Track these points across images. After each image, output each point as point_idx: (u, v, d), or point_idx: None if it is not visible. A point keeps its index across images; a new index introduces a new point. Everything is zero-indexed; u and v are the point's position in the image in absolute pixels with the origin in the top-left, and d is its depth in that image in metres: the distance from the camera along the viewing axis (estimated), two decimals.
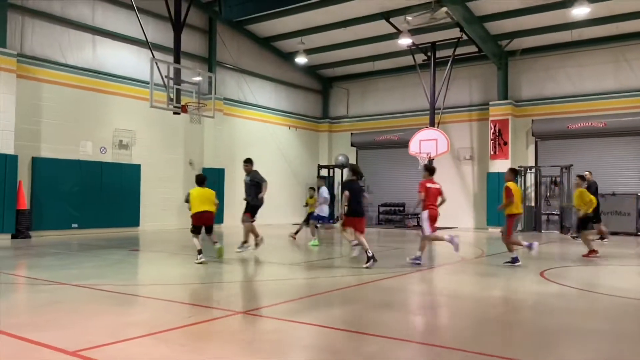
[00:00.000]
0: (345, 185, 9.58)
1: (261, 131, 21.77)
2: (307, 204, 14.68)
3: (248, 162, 11.29)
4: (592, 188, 15.47)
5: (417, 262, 9.27)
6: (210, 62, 19.65)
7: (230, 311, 5.59)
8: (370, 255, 8.83)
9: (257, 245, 10.88)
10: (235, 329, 4.99)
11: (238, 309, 5.76)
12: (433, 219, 9.33)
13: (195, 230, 9.58)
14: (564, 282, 7.67)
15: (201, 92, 16.60)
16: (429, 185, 9.33)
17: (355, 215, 9.16)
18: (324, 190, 13.38)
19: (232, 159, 20.31)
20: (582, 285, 7.55)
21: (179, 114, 16.31)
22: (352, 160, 23.73)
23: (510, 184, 9.54)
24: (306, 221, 13.91)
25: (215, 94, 17.19)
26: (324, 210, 13.29)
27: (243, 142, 20.93)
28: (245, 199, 11.22)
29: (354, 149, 24.06)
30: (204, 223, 9.68)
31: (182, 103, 15.86)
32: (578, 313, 5.87)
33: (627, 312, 6.00)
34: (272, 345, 4.47)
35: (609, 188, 18.01)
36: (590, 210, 11.11)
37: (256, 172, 11.21)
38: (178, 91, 15.85)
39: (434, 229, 9.39)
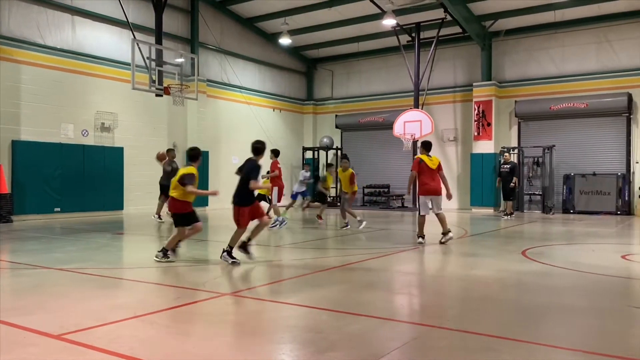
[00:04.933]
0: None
1: (245, 113, 21.63)
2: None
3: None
4: (517, 170, 17.11)
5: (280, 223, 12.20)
6: (192, 43, 19.38)
7: (216, 293, 5.62)
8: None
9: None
10: (221, 310, 5.02)
11: (224, 290, 5.78)
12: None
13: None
14: (545, 261, 7.81)
15: (184, 73, 16.42)
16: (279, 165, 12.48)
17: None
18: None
19: (216, 141, 20.21)
20: (563, 263, 7.69)
21: (161, 95, 16.15)
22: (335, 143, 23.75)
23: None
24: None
25: (198, 75, 17.01)
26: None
27: (227, 124, 20.81)
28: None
29: (339, 130, 24.04)
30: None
31: (165, 85, 15.70)
32: (560, 290, 5.99)
33: (607, 289, 6.13)
34: (258, 326, 4.51)
35: (590, 168, 18.29)
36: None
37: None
38: (160, 73, 15.68)
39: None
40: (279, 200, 12.66)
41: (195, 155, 7.81)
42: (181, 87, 15.85)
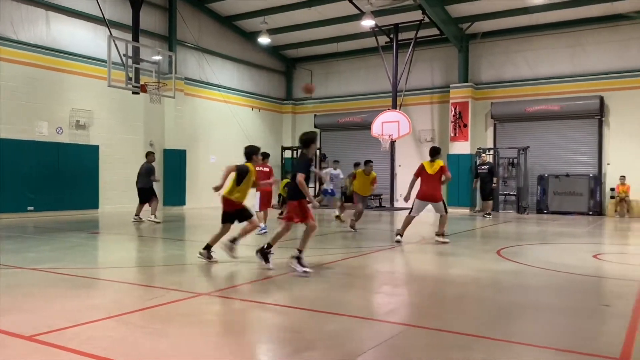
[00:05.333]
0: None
1: (223, 112, 21.49)
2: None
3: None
4: (495, 170, 17.94)
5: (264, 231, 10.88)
6: (170, 40, 19.20)
7: (193, 293, 5.57)
8: None
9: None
10: (198, 310, 4.98)
11: (200, 290, 5.74)
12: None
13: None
14: (519, 260, 7.92)
15: (161, 71, 16.25)
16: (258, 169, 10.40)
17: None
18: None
19: (194, 139, 20.05)
20: (536, 263, 7.82)
21: (138, 93, 15.96)
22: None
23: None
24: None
25: (175, 73, 16.85)
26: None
27: (205, 123, 20.65)
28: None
29: (318, 130, 24.03)
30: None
31: (142, 82, 15.51)
32: (534, 289, 6.08)
33: (579, 288, 6.25)
34: (235, 326, 4.49)
35: (563, 169, 18.64)
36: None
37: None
38: (137, 70, 15.50)
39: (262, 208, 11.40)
40: (263, 208, 11.63)
41: (249, 153, 7.45)
42: (158, 84, 15.68)
